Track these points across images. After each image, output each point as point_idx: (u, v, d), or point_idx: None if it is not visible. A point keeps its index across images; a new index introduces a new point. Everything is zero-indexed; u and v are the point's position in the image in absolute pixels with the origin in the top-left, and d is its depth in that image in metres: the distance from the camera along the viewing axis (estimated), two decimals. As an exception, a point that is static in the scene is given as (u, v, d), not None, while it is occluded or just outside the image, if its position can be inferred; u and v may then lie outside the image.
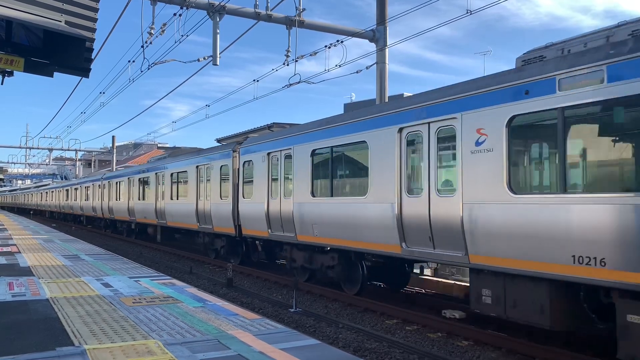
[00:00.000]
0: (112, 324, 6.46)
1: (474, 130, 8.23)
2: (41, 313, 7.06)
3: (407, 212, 9.57)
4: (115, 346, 5.48)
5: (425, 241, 9.21)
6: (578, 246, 6.64)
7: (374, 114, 10.64)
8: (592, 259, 6.50)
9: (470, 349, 8.23)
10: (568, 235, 6.75)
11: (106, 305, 7.62)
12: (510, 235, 7.50)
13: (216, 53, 14.50)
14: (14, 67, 7.56)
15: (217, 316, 6.99)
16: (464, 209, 8.30)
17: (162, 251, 23.18)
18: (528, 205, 7.28)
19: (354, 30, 15.98)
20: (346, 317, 10.56)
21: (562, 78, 7.01)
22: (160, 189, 22.87)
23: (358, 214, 10.77)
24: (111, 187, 31.25)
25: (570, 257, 6.74)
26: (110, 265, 12.57)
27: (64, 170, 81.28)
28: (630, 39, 6.56)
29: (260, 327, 6.43)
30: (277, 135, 14.47)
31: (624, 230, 6.19)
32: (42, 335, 5.92)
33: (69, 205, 45.77)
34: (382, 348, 8.17)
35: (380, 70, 15.83)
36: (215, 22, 14.35)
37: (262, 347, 5.47)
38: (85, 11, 7.77)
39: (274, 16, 15.13)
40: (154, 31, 14.33)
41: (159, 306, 7.63)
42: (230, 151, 16.88)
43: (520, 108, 7.51)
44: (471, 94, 8.36)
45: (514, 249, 7.45)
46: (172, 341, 5.70)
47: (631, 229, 6.11)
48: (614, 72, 6.45)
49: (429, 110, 9.24)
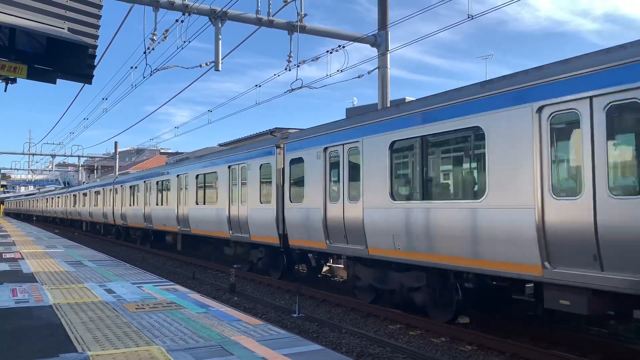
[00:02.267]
0: (115, 330, 6.46)
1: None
2: (44, 319, 7.07)
3: (554, 220, 7.11)
4: (118, 352, 5.48)
5: (586, 261, 6.73)
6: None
7: (497, 90, 8.06)
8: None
9: (473, 354, 8.20)
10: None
11: (109, 312, 7.63)
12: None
13: (218, 59, 14.56)
14: (18, 74, 7.60)
15: (220, 322, 6.98)
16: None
17: (165, 257, 23.17)
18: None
19: (356, 35, 16.02)
20: (349, 322, 10.54)
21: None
22: (183, 193, 20.48)
23: (465, 223, 8.36)
24: (124, 191, 28.82)
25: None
26: (113, 271, 12.58)
27: (67, 176, 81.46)
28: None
29: (264, 332, 6.43)
30: (338, 125, 11.97)
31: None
32: (45, 341, 5.92)
33: (76, 212, 43.53)
34: (386, 353, 8.15)
35: (382, 74, 15.85)
36: (217, 27, 14.41)
37: (265, 353, 5.47)
38: (87, 18, 7.80)
39: (276, 22, 15.19)
40: (156, 37, 14.41)
41: (162, 312, 7.63)
42: (272, 147, 14.48)
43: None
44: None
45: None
46: (175, 347, 5.70)
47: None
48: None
49: (596, 79, 6.70)
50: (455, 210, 8.55)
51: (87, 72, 8.44)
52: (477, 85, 8.59)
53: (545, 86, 7.32)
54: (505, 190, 7.76)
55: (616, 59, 6.54)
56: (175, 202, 21.06)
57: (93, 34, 7.86)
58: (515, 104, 7.69)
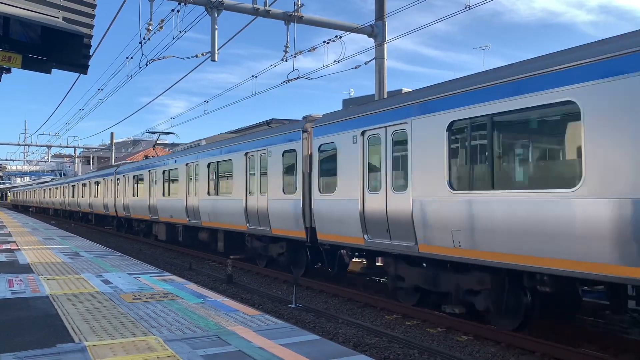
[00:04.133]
0: (112, 321, 6.46)
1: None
2: (41, 310, 7.06)
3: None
4: (115, 342, 5.48)
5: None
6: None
7: (592, 58, 6.71)
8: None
9: (469, 344, 8.24)
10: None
11: (106, 302, 7.62)
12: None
13: (214, 49, 14.48)
14: (12, 64, 7.54)
15: (217, 312, 6.99)
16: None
17: (162, 248, 23.16)
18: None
19: (353, 26, 15.95)
20: (346, 312, 10.58)
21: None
22: (192, 182, 19.25)
23: (550, 217, 6.99)
24: (127, 181, 27.44)
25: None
26: (110, 262, 12.57)
27: (63, 167, 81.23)
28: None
29: (261, 322, 6.44)
30: (379, 105, 10.61)
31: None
32: (42, 332, 5.92)
33: (75, 203, 42.09)
34: (382, 343, 8.19)
35: (379, 65, 15.81)
36: (213, 17, 14.32)
37: (262, 343, 5.48)
38: (82, 7, 7.74)
39: (273, 12, 15.10)
40: (152, 27, 14.31)
41: (159, 302, 7.63)
42: (298, 131, 13.19)
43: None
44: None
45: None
46: (172, 337, 5.70)
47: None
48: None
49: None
50: (535, 203, 7.21)
51: (82, 62, 8.38)
52: (569, 52, 7.13)
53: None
54: (610, 177, 6.40)
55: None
56: (184, 192, 19.87)
57: (88, 23, 7.81)
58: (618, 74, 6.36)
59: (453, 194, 8.50)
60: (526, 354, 7.66)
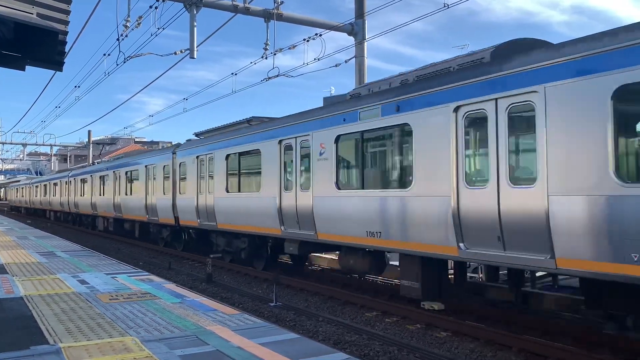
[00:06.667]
0: (88, 322, 6.37)
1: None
2: (15, 311, 6.93)
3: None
4: (91, 344, 5.40)
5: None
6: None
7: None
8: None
9: (449, 340, 8.31)
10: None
11: (82, 303, 7.51)
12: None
13: (193, 46, 14.37)
14: (-16, 61, 7.37)
15: (195, 312, 6.93)
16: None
17: (141, 247, 22.90)
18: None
19: (333, 24, 15.95)
20: (326, 310, 10.58)
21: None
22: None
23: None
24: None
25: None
26: (87, 262, 12.39)
27: (39, 165, 79.74)
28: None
29: (239, 322, 6.41)
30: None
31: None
32: (16, 333, 5.80)
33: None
34: (362, 340, 8.21)
35: (359, 63, 15.87)
36: (192, 14, 14.20)
37: (240, 342, 5.45)
38: (57, 3, 7.58)
39: (252, 9, 15.04)
40: (130, 24, 14.14)
41: (136, 303, 7.55)
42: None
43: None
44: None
45: None
46: (149, 338, 5.64)
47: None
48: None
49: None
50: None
51: (57, 59, 8.24)
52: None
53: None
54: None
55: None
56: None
57: (63, 19, 7.65)
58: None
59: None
60: (504, 350, 7.75)
